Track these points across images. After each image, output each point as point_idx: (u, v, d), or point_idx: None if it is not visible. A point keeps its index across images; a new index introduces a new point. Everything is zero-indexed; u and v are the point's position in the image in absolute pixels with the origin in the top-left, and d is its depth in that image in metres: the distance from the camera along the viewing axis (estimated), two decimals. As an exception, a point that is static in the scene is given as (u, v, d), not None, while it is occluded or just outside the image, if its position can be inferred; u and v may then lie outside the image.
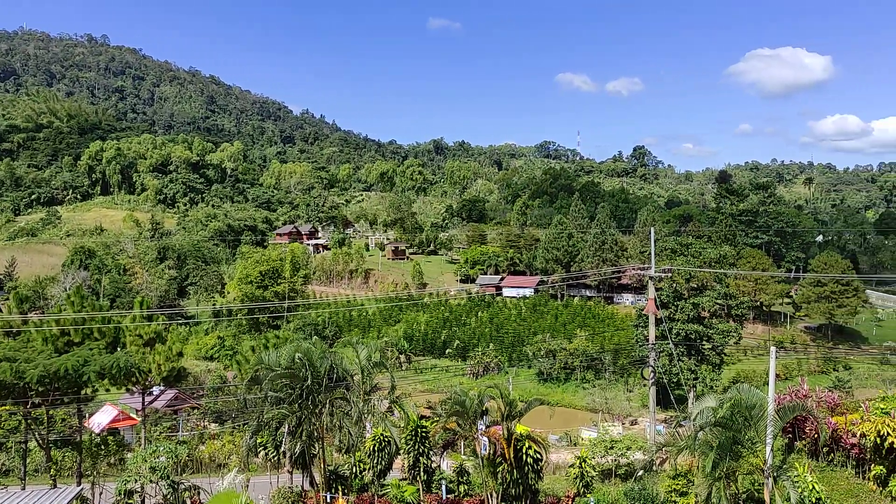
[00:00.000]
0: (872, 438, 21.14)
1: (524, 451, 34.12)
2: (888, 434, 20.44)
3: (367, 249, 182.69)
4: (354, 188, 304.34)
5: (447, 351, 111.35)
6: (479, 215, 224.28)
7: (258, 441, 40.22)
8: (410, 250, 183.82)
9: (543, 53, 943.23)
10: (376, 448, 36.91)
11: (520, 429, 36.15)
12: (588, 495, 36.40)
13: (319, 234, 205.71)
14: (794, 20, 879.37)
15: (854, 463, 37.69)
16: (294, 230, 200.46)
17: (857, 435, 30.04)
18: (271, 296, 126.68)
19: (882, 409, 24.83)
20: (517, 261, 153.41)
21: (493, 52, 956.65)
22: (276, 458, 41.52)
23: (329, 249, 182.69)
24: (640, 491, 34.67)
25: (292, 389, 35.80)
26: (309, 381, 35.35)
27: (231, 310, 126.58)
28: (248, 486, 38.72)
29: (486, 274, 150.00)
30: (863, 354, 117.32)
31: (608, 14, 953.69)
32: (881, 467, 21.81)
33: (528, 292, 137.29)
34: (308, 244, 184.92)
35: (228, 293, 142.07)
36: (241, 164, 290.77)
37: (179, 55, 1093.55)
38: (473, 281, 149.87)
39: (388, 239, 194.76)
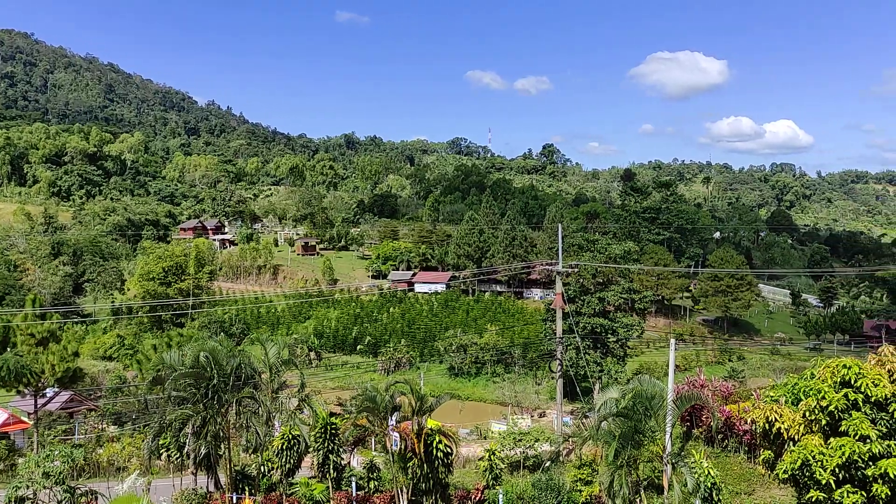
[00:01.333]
0: (761, 425, 22.32)
1: (435, 445, 34.29)
2: (776, 420, 21.62)
3: (276, 245, 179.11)
4: (263, 182, 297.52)
5: (358, 347, 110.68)
6: (391, 211, 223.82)
7: (160, 443, 38.91)
8: (321, 246, 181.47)
9: (453, 49, 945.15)
10: (285, 447, 36.28)
11: (430, 423, 36.33)
12: (497, 487, 36.94)
13: (226, 229, 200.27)
14: (693, 25, 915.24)
15: (746, 448, 39.82)
16: (199, 225, 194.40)
17: (749, 422, 31.73)
18: (175, 293, 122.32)
19: (771, 396, 26.21)
20: (429, 256, 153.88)
21: (403, 46, 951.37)
22: (179, 460, 40.24)
23: (236, 245, 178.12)
24: (547, 481, 35.45)
25: (197, 389, 34.80)
26: (215, 380, 34.43)
27: (131, 307, 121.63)
28: (149, 489, 37.33)
29: (398, 270, 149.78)
30: (755, 345, 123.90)
31: (515, 12, 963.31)
32: (769, 452, 23.06)
33: (440, 288, 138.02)
34: (214, 239, 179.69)
35: (128, 290, 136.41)
36: (143, 155, 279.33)
37: (75, 41, 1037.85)
38: (385, 277, 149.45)
39: (297, 234, 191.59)
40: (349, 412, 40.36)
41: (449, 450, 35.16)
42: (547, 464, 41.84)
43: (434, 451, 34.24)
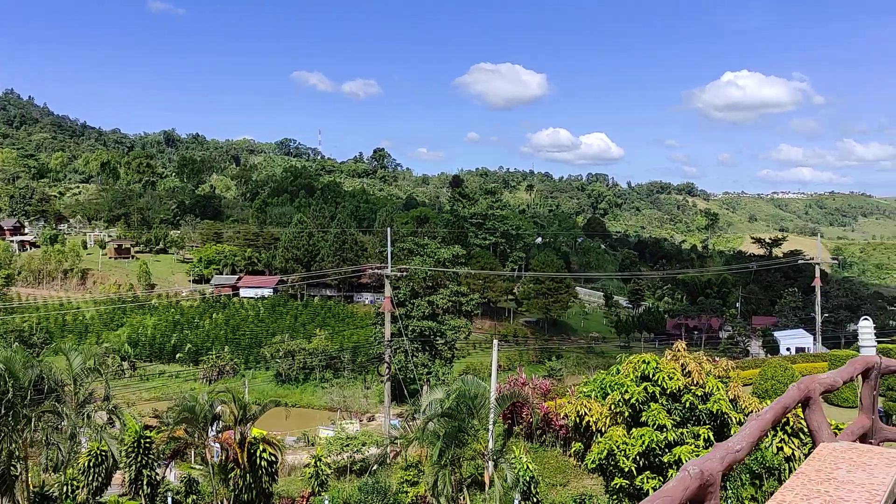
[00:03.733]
0: (573, 419, 23.69)
1: (258, 454, 33.38)
2: (586, 414, 23.03)
3: (85, 247, 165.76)
4: (70, 179, 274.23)
5: (178, 356, 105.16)
6: (214, 212, 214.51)
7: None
8: (136, 249, 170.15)
9: (276, 47, 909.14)
10: (92, 463, 33.74)
11: (255, 432, 35.34)
12: (323, 493, 36.51)
13: (26, 230, 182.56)
14: (513, 38, 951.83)
15: (562, 442, 42.10)
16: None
17: (563, 416, 33.60)
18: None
19: (584, 392, 27.87)
20: (256, 260, 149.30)
21: (222, 41, 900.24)
22: (-35, 486, 36.14)
23: (38, 247, 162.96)
24: (373, 485, 35.50)
25: (-13, 405, 31.46)
26: (10, 394, 31.33)
27: None
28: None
29: (221, 274, 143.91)
30: (573, 345, 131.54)
31: (338, 12, 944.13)
32: (580, 444, 24.52)
33: (267, 292, 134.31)
34: (12, 241, 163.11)
35: None
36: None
37: None
38: (208, 281, 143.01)
39: (110, 236, 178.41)
40: (166, 424, 38.17)
41: (274, 458, 34.36)
42: (374, 467, 41.91)
43: (258, 461, 33.31)
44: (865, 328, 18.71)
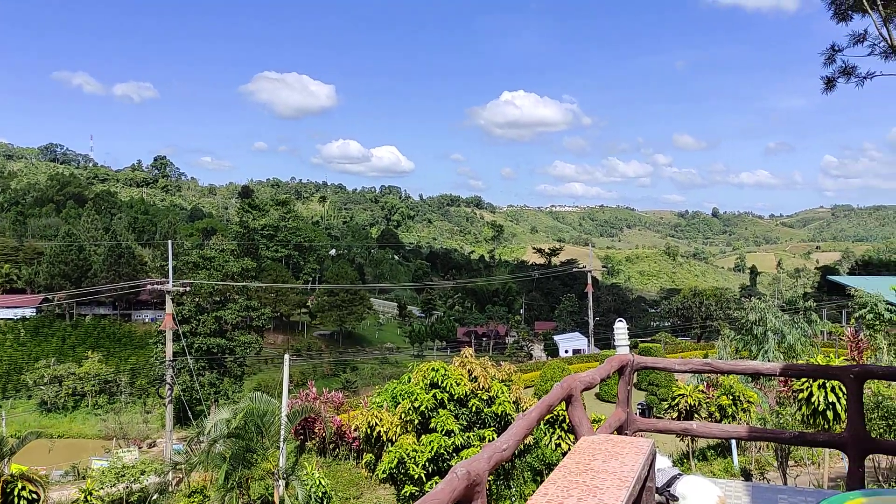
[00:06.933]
0: (364, 430, 23.66)
1: (16, 493, 30.11)
2: (377, 424, 23.09)
3: None
4: None
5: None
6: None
7: None
8: None
9: (34, 42, 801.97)
10: None
11: (14, 468, 31.88)
12: (95, 531, 33.46)
13: None
14: (298, 48, 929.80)
15: (355, 454, 41.99)
16: None
17: (354, 428, 33.48)
18: None
19: (377, 402, 27.90)
20: (15, 277, 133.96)
21: None
22: None
23: None
24: (153, 516, 33.14)
25: None
26: None
27: None
28: None
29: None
30: (367, 356, 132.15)
31: (97, 5, 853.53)
32: (371, 455, 24.55)
33: (29, 312, 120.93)
34: None
35: None
36: None
37: None
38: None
39: None
40: None
41: (35, 496, 31.11)
42: (154, 496, 39.13)
43: (16, 500, 30.02)
44: (620, 329, 20.46)
